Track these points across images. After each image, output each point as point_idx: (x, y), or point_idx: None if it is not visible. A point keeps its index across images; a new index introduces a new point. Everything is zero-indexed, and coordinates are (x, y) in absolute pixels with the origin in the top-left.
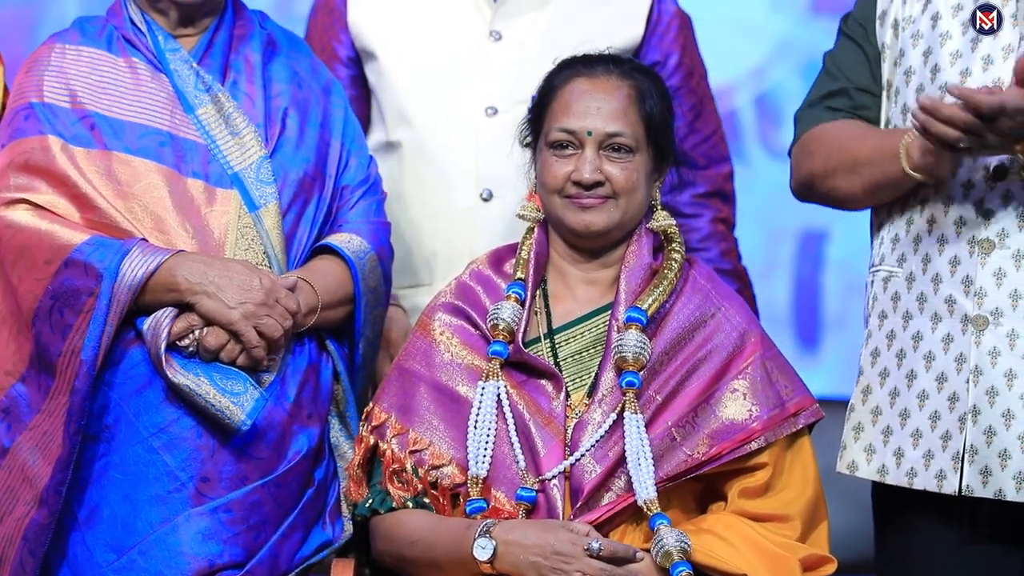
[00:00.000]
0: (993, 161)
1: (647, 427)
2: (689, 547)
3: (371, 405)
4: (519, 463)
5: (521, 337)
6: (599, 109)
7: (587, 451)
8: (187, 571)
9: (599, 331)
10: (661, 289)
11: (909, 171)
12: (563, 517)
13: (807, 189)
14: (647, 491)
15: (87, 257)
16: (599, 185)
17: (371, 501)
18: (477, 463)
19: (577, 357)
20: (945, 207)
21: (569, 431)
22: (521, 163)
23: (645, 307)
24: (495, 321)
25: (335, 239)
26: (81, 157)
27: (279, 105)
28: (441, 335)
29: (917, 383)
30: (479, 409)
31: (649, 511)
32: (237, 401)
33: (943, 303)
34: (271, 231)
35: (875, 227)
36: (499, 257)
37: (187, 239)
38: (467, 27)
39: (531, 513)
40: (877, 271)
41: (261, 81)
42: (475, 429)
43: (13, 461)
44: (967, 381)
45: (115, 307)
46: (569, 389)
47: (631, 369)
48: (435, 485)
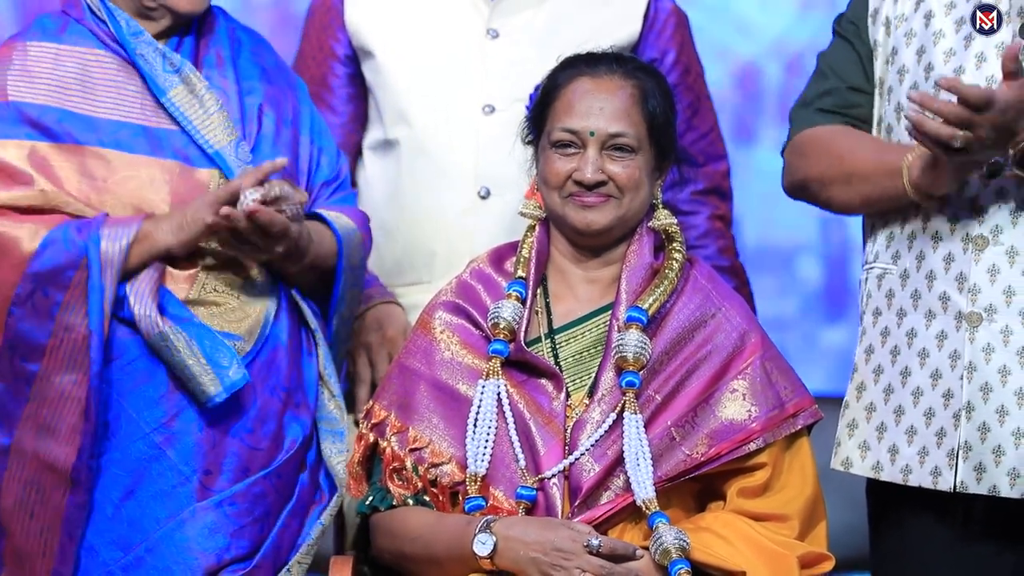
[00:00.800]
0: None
1: (646, 427)
2: (688, 545)
3: (371, 402)
4: (519, 462)
5: (522, 336)
6: (602, 109)
7: (586, 450)
8: (196, 567)
9: (600, 331)
10: (662, 289)
11: (911, 192)
12: (562, 516)
13: (800, 191)
14: (646, 490)
15: (64, 236)
16: (601, 184)
17: (372, 499)
18: (477, 461)
19: (578, 357)
20: (939, 205)
21: (568, 430)
22: (519, 161)
23: (646, 307)
24: (496, 320)
25: (325, 211)
26: (52, 154)
27: (254, 102)
28: (441, 333)
29: (911, 380)
30: (479, 408)
31: (648, 510)
32: (219, 372)
33: (937, 300)
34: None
35: (868, 225)
36: (500, 255)
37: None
38: (464, 25)
39: (530, 511)
40: (871, 268)
41: (233, 75)
42: (475, 427)
43: (22, 455)
44: (961, 378)
45: (107, 271)
46: (569, 389)
47: (631, 369)
48: (435, 483)
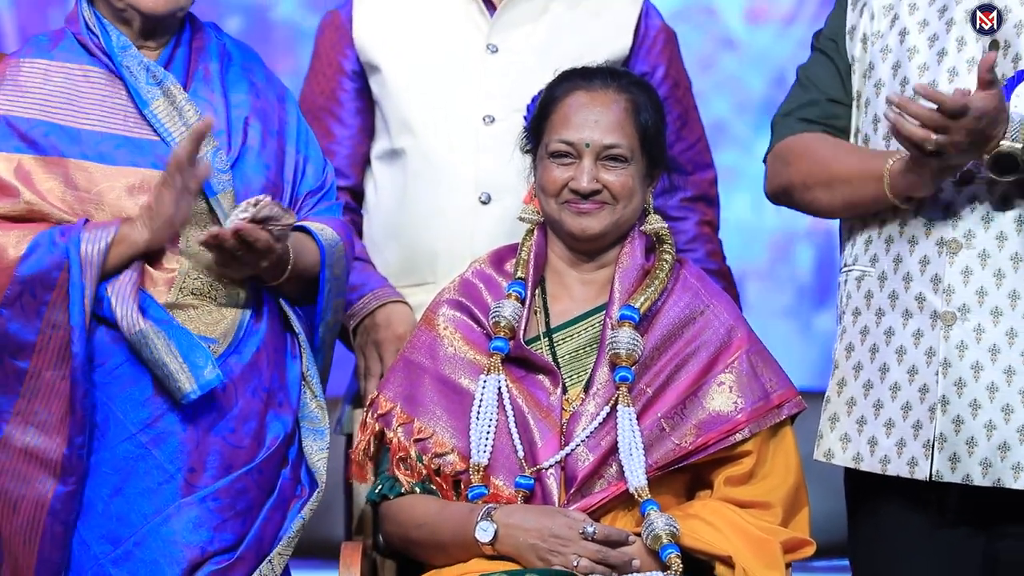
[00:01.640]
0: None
1: (638, 418)
2: (677, 531)
3: (376, 393)
4: (518, 453)
5: (521, 334)
6: (597, 122)
7: (581, 442)
8: (181, 559)
9: (594, 329)
10: (653, 288)
11: (891, 196)
12: (558, 504)
13: (783, 196)
14: (638, 479)
15: (48, 240)
16: (596, 193)
17: (381, 487)
18: (479, 452)
19: (574, 354)
20: (915, 210)
21: (564, 423)
22: (518, 168)
23: (638, 305)
24: (497, 318)
25: (311, 224)
26: (36, 167)
27: (240, 115)
28: (445, 329)
29: (889, 376)
30: (481, 401)
31: (640, 498)
32: (195, 371)
33: (913, 300)
34: (230, 214)
35: (846, 230)
36: (500, 257)
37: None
38: (465, 41)
39: (528, 499)
40: (850, 271)
41: (221, 89)
42: (477, 420)
43: (9, 449)
44: (936, 373)
45: (87, 270)
46: (566, 384)
47: (624, 365)
48: (438, 472)
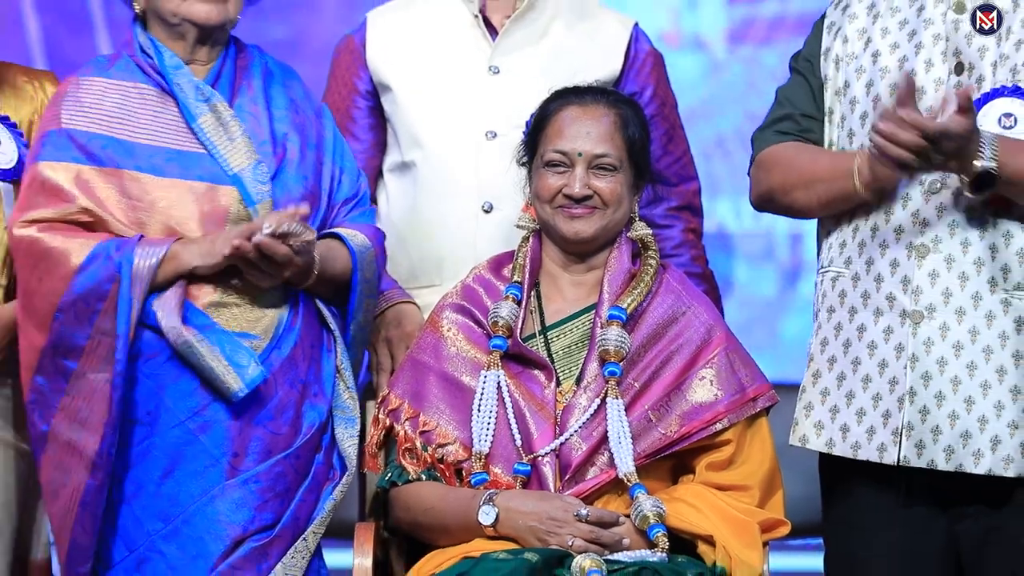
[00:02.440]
0: (928, 177)
1: (627, 410)
2: (663, 512)
3: (387, 391)
4: (516, 442)
5: (518, 333)
6: (588, 133)
7: (574, 432)
8: (225, 537)
9: (585, 328)
10: (639, 290)
11: (860, 189)
12: (553, 489)
13: (767, 202)
14: (627, 465)
15: (105, 252)
16: (587, 198)
17: (390, 475)
18: (480, 441)
19: (567, 350)
20: (886, 217)
21: (559, 415)
22: (517, 180)
23: (625, 306)
24: (495, 319)
25: (343, 230)
26: (93, 177)
27: (281, 129)
28: (448, 331)
29: (861, 368)
30: (481, 395)
31: (629, 482)
32: (239, 371)
33: (884, 299)
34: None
35: (822, 234)
36: (498, 262)
37: (196, 235)
38: (470, 63)
39: (526, 485)
40: (826, 272)
41: (264, 103)
42: (478, 412)
43: (56, 440)
44: (905, 367)
45: (136, 286)
46: (560, 378)
47: (613, 360)
48: (441, 460)
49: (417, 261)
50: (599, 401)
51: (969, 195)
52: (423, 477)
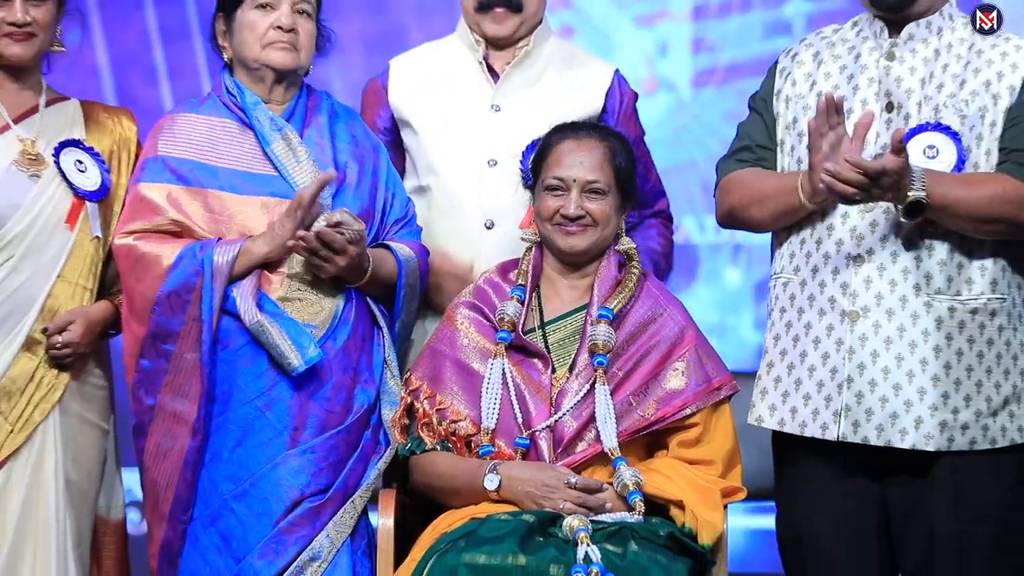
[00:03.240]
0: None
1: (612, 395)
2: (641, 481)
3: (408, 374)
4: (517, 419)
5: (521, 327)
6: (582, 163)
7: (566, 412)
8: (285, 498)
9: (578, 324)
10: (624, 294)
11: (804, 201)
12: (548, 460)
13: (729, 219)
14: (611, 441)
15: (190, 252)
16: (581, 218)
17: (410, 445)
18: (487, 418)
19: (562, 343)
20: (828, 231)
21: (553, 397)
22: (516, 201)
23: (612, 307)
24: (502, 315)
25: (392, 243)
26: (182, 195)
27: (342, 158)
28: (462, 325)
29: (807, 360)
30: (489, 379)
31: (612, 455)
32: (301, 350)
33: (827, 301)
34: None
35: (775, 246)
36: (505, 268)
37: None
38: (475, 102)
39: (525, 456)
40: (778, 277)
41: (329, 136)
42: (486, 394)
43: (162, 412)
44: (844, 359)
45: (217, 278)
46: (555, 366)
47: (601, 352)
48: (454, 433)
49: (432, 270)
50: (588, 386)
51: (904, 220)
52: (438, 447)
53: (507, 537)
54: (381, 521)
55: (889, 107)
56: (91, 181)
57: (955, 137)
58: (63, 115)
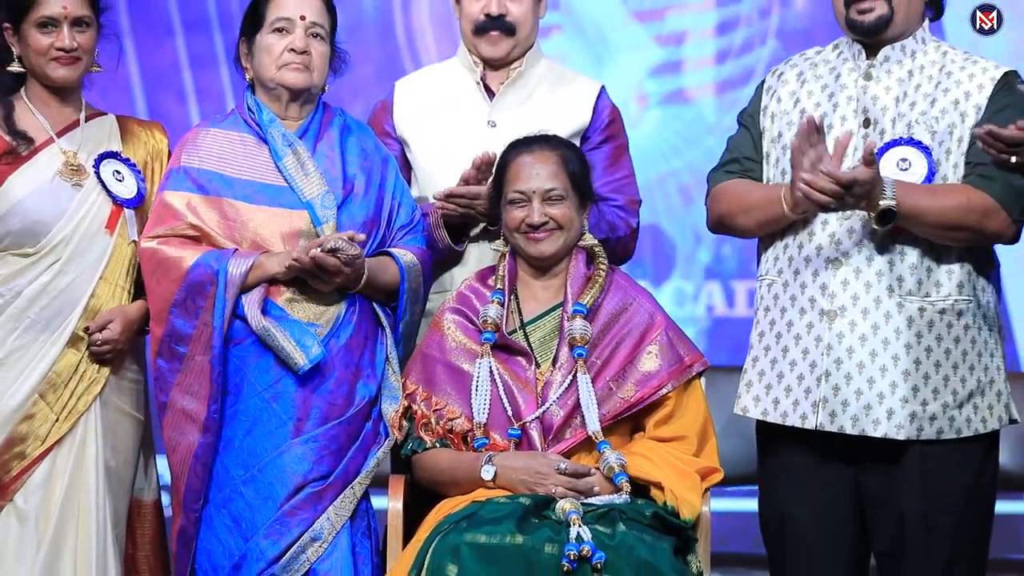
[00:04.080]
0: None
1: (593, 382)
2: (625, 463)
3: (403, 379)
4: (507, 413)
5: (504, 328)
6: (538, 174)
7: (553, 402)
8: (289, 483)
9: (555, 321)
10: (595, 289)
11: (787, 210)
12: (540, 448)
13: (718, 226)
14: (594, 424)
15: (207, 260)
16: (545, 224)
17: (411, 445)
18: (479, 414)
19: (543, 339)
20: (809, 237)
21: (539, 390)
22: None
23: (585, 302)
24: (485, 318)
25: (395, 249)
26: (200, 203)
27: (351, 171)
28: (448, 329)
29: (789, 355)
30: (478, 378)
31: (596, 439)
32: (304, 350)
33: (807, 301)
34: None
35: (761, 250)
36: (483, 275)
37: (277, 248)
38: (473, 118)
39: (518, 446)
40: (763, 279)
41: (339, 150)
42: (476, 392)
43: (173, 408)
44: (822, 354)
45: (230, 289)
46: (538, 361)
47: (579, 344)
48: (451, 431)
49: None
50: (571, 377)
51: (876, 227)
52: (437, 445)
53: (505, 519)
54: (391, 504)
55: (866, 123)
56: (128, 190)
57: (926, 151)
58: (102, 129)
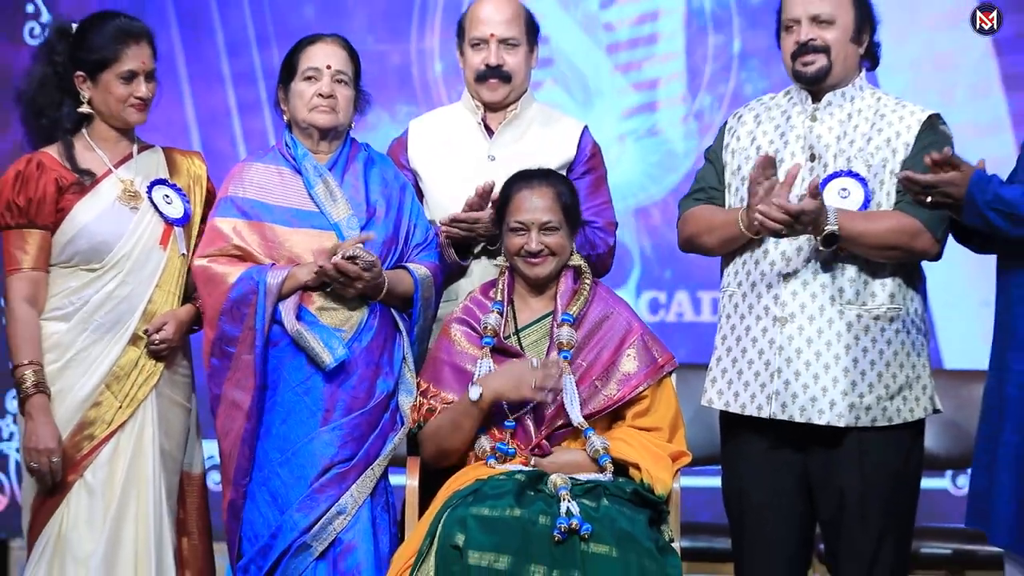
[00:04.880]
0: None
1: (580, 381)
2: (608, 446)
3: (418, 379)
4: (504, 407)
5: (501, 334)
6: (536, 207)
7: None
8: (318, 465)
9: (546, 328)
10: (581, 301)
11: (744, 231)
12: (533, 437)
13: (687, 245)
14: (577, 417)
15: (249, 274)
16: (541, 251)
17: (420, 425)
18: None
19: (534, 344)
20: (764, 255)
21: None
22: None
23: (572, 312)
24: (485, 325)
25: (410, 264)
26: (244, 227)
27: (373, 197)
28: (455, 336)
29: (747, 355)
30: (478, 376)
31: (583, 427)
32: (331, 351)
33: (763, 309)
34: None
35: (723, 266)
36: (486, 288)
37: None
38: (475, 153)
39: (514, 436)
40: (725, 290)
41: (363, 180)
42: None
43: (226, 399)
44: (775, 354)
45: (268, 297)
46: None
47: (566, 348)
48: None
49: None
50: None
51: (821, 248)
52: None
53: (506, 494)
54: (408, 482)
55: (812, 157)
56: (176, 210)
57: (863, 182)
58: (152, 159)
